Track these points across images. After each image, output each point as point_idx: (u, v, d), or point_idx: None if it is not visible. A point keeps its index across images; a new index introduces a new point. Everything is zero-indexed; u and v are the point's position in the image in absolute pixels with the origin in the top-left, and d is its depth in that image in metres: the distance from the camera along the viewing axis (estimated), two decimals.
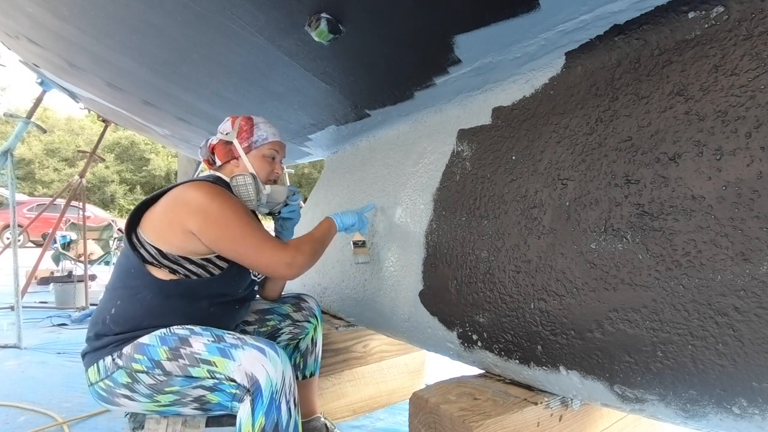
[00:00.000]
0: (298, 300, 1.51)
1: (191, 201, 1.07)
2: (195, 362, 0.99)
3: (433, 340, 1.32)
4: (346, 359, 1.77)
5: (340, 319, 1.85)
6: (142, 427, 1.11)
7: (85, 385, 1.08)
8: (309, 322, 1.48)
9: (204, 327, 1.06)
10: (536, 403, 0.99)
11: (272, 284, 1.46)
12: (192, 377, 1.00)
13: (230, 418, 1.15)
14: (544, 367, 0.98)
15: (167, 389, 1.01)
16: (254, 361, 0.97)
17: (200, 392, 1.01)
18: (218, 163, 1.28)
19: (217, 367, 0.98)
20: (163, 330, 1.04)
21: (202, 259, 1.12)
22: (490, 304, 1.09)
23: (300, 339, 1.48)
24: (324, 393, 1.69)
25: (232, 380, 0.97)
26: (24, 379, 2.23)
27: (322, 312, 1.83)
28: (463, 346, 1.19)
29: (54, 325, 3.37)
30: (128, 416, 1.14)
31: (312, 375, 1.48)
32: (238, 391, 0.97)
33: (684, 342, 0.74)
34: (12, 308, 3.06)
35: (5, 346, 2.73)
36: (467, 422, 0.91)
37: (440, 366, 2.10)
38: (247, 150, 1.25)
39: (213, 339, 1.02)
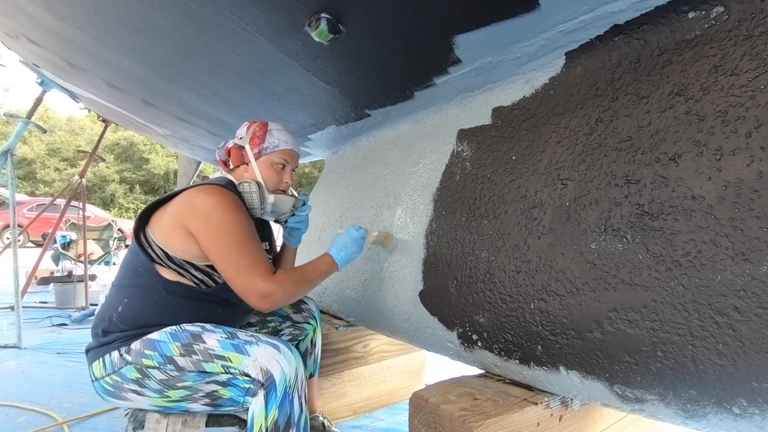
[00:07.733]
0: (298, 302, 1.50)
1: (198, 204, 1.07)
2: (209, 357, 1.01)
3: (433, 340, 1.32)
4: (346, 359, 1.77)
5: (340, 319, 1.84)
6: (143, 427, 1.11)
7: (86, 384, 1.08)
8: (308, 323, 1.49)
9: (215, 324, 1.08)
10: (536, 403, 0.99)
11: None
12: (205, 372, 1.02)
13: (230, 418, 1.15)
14: (544, 367, 0.98)
15: (179, 384, 1.03)
16: (269, 357, 1.00)
17: (213, 387, 1.03)
18: (231, 165, 1.29)
19: (231, 362, 1.00)
20: (174, 327, 1.06)
21: (206, 265, 1.12)
22: (490, 304, 1.09)
23: (300, 341, 1.49)
24: (324, 393, 1.69)
25: (247, 375, 0.99)
26: (24, 379, 2.22)
27: (322, 312, 1.83)
28: (463, 346, 1.19)
29: (54, 325, 3.37)
30: (128, 416, 1.14)
31: (311, 376, 1.49)
32: (251, 386, 0.99)
33: (684, 342, 0.74)
34: (12, 308, 3.05)
35: (5, 346, 2.73)
36: (467, 422, 0.91)
37: (440, 366, 2.10)
38: (257, 156, 1.25)
39: (226, 336, 1.04)
